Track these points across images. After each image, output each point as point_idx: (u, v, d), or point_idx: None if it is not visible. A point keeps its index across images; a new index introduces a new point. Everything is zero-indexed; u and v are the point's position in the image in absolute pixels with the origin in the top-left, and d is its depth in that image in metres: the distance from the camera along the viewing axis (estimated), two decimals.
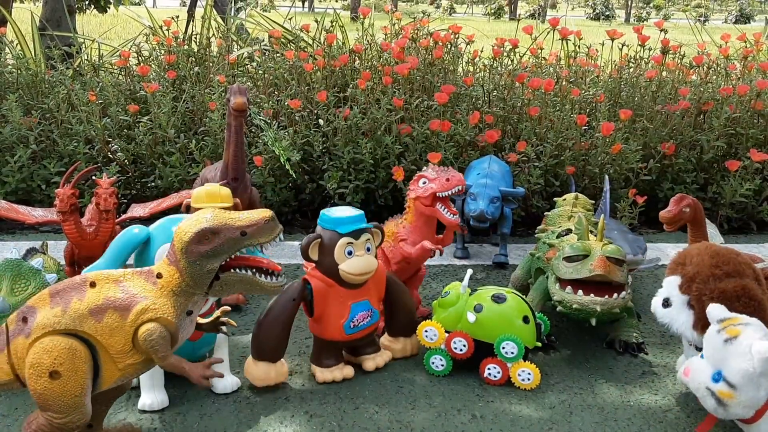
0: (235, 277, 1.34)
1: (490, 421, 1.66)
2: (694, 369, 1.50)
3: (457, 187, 1.91)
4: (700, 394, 1.48)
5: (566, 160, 3.01)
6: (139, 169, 3.16)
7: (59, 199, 2.10)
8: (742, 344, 1.43)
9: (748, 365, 1.41)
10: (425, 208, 1.95)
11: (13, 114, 3.10)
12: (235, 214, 1.33)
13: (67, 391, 1.30)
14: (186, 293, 1.35)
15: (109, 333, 1.31)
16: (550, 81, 3.13)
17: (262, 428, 1.61)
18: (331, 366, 1.80)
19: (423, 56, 3.34)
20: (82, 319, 1.31)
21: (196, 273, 1.32)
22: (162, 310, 1.32)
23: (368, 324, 1.81)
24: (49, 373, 1.29)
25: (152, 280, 1.35)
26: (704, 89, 3.34)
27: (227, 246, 1.31)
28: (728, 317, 1.50)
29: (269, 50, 3.79)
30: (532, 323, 1.84)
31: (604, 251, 1.86)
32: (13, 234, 2.91)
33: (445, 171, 1.95)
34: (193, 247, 1.31)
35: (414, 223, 2.00)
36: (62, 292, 1.34)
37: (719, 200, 3.12)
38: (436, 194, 1.92)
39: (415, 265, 2.06)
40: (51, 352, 1.29)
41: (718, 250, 1.70)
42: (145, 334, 1.31)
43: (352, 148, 2.95)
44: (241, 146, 2.34)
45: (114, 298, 1.33)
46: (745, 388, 1.42)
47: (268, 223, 1.33)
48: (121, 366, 1.34)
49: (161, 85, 3.33)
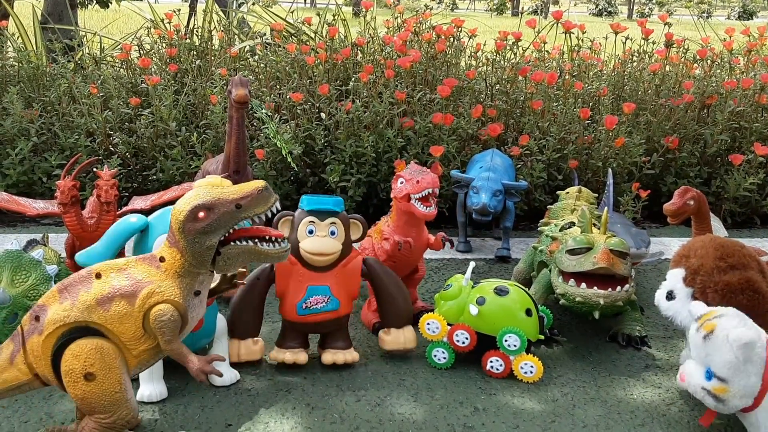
0: (237, 249, 1.33)
1: (493, 414, 1.65)
2: (688, 373, 1.50)
3: (427, 190, 1.88)
4: (699, 395, 1.48)
5: (569, 153, 3.00)
6: (140, 162, 3.15)
7: (60, 191, 2.10)
8: (719, 337, 1.43)
9: (730, 356, 1.41)
10: (403, 206, 1.94)
11: (15, 107, 3.09)
12: (228, 188, 1.32)
13: (106, 390, 1.32)
14: (191, 273, 1.34)
15: (118, 321, 1.32)
16: (553, 74, 3.12)
17: (264, 420, 1.60)
18: (289, 348, 1.80)
19: (425, 49, 3.32)
20: (90, 309, 1.32)
21: (197, 251, 1.32)
22: (168, 293, 1.33)
23: (322, 309, 1.78)
24: (83, 376, 1.31)
25: (156, 265, 1.36)
26: (708, 83, 3.32)
27: (223, 220, 1.30)
28: (704, 313, 1.49)
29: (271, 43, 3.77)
30: (535, 316, 1.83)
31: (608, 244, 1.84)
32: (14, 226, 2.90)
33: (420, 172, 1.92)
34: (189, 225, 1.31)
35: (396, 222, 1.98)
36: (70, 286, 1.35)
37: (723, 194, 3.11)
38: (409, 195, 1.90)
39: (406, 264, 2.02)
40: (79, 356, 1.31)
41: (723, 243, 1.69)
42: (156, 314, 1.32)
43: (354, 142, 2.94)
44: (243, 139, 2.33)
45: (120, 285, 1.33)
46: (735, 379, 1.42)
47: (262, 193, 1.31)
48: (135, 353, 1.35)
49: (163, 78, 3.32)
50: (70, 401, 1.64)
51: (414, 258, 2.02)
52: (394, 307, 1.85)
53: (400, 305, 1.86)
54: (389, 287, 1.85)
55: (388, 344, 1.87)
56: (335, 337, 1.83)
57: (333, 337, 1.83)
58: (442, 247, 2.03)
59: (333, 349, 1.82)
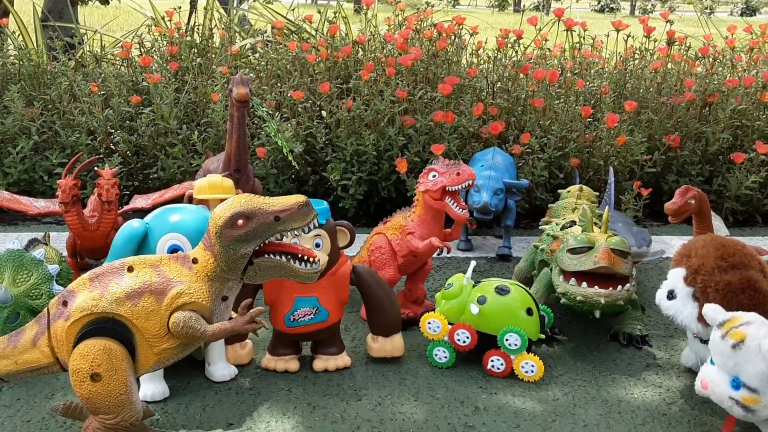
0: (269, 262, 1.34)
1: (493, 414, 1.65)
2: (711, 381, 1.46)
3: (467, 182, 1.89)
4: (726, 405, 1.44)
5: (570, 152, 2.99)
6: (141, 161, 3.15)
7: (61, 190, 2.10)
8: (751, 347, 1.39)
9: (763, 366, 1.37)
10: (434, 201, 1.93)
11: (15, 105, 3.09)
12: (269, 200, 1.33)
13: (111, 391, 1.33)
14: (221, 278, 1.35)
15: (145, 316, 1.33)
16: (555, 72, 3.11)
17: (265, 419, 1.61)
18: (281, 356, 1.80)
19: (426, 47, 3.32)
20: (119, 302, 1.33)
21: (230, 257, 1.32)
22: (197, 295, 1.33)
23: (310, 321, 1.76)
24: (89, 376, 1.32)
25: (188, 265, 1.36)
26: (710, 81, 3.31)
27: (261, 230, 1.31)
28: (727, 319, 1.46)
29: (272, 41, 3.77)
30: (536, 315, 1.83)
31: (609, 243, 1.84)
32: (16, 225, 2.91)
33: (455, 165, 1.92)
34: (226, 231, 1.31)
35: (422, 216, 1.98)
36: (101, 276, 1.36)
37: (724, 193, 3.11)
38: (445, 188, 1.90)
39: (421, 259, 2.04)
40: (87, 356, 1.31)
41: (724, 242, 1.69)
42: (173, 326, 1.32)
43: (355, 140, 2.94)
44: (244, 137, 2.33)
45: (150, 282, 1.34)
46: (767, 390, 1.39)
47: (302, 208, 1.32)
48: (156, 350, 1.35)
49: (163, 76, 3.32)
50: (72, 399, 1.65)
51: (431, 253, 2.03)
52: (383, 316, 1.82)
53: (389, 314, 1.82)
54: (379, 296, 1.82)
55: (375, 352, 1.86)
56: (327, 344, 1.82)
57: (325, 343, 1.82)
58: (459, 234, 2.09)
59: (324, 355, 1.81)
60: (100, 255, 2.32)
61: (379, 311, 1.82)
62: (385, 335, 1.84)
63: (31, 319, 1.76)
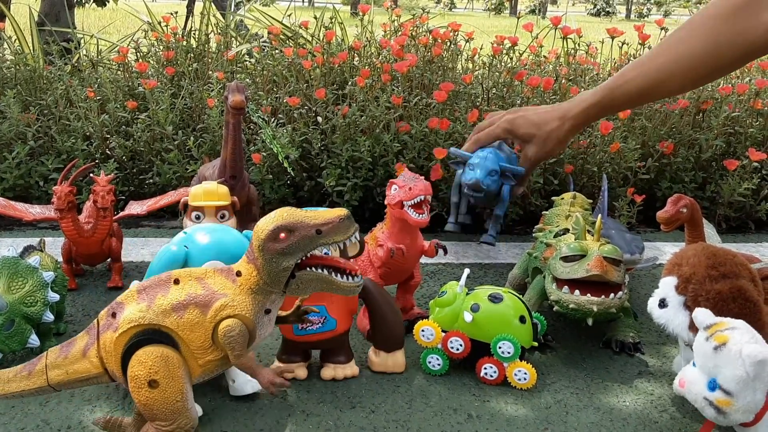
0: (311, 275, 1.34)
1: (486, 421, 1.67)
2: (689, 380, 1.49)
3: (419, 197, 1.87)
4: (699, 405, 1.47)
5: (564, 158, 3.01)
6: (136, 166, 3.16)
7: (56, 196, 2.11)
8: (732, 350, 1.41)
9: (741, 371, 1.40)
10: (396, 212, 1.94)
11: (12, 110, 3.10)
12: (310, 213, 1.34)
13: (168, 398, 1.33)
14: (264, 291, 1.36)
15: (190, 328, 1.34)
16: (549, 79, 3.13)
17: (258, 427, 1.62)
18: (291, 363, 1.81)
19: (422, 54, 3.34)
20: (165, 314, 1.34)
21: (273, 270, 1.33)
22: (240, 307, 1.34)
23: (317, 330, 1.76)
24: (147, 383, 1.33)
25: (232, 278, 1.37)
26: (703, 88, 3.34)
27: (302, 244, 1.31)
28: (714, 323, 1.48)
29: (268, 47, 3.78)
30: (529, 323, 1.84)
31: (601, 251, 1.86)
32: (11, 231, 2.91)
33: (413, 179, 1.91)
34: (269, 244, 1.31)
35: (390, 228, 1.98)
36: (148, 288, 1.38)
37: (717, 199, 3.13)
38: (402, 202, 1.89)
39: (400, 270, 2.02)
40: (145, 363, 1.33)
41: (715, 251, 1.70)
42: (225, 330, 1.33)
43: (350, 146, 2.95)
44: (239, 144, 2.34)
45: (195, 294, 1.35)
46: (741, 394, 1.41)
47: (343, 221, 1.32)
48: (201, 362, 1.37)
49: (159, 82, 3.33)
50: (66, 408, 1.66)
51: (409, 265, 2.02)
52: (387, 330, 1.83)
53: (392, 330, 1.83)
54: (383, 310, 1.82)
55: (376, 366, 1.86)
56: (335, 353, 1.82)
57: (333, 352, 1.83)
58: (436, 254, 2.04)
59: (333, 364, 1.82)
60: (95, 261, 2.32)
61: (384, 324, 1.82)
62: (387, 351, 1.84)
63: (26, 327, 1.78)
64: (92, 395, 1.71)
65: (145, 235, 2.87)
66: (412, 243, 1.99)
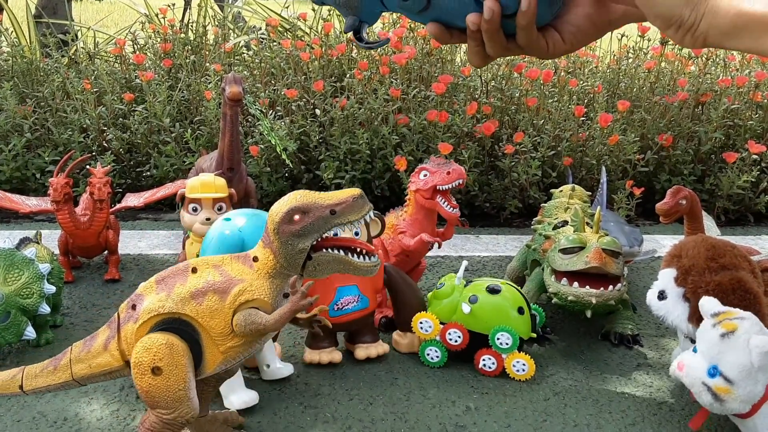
0: (328, 256, 1.34)
1: (485, 413, 1.66)
2: (688, 364, 1.48)
3: (457, 181, 1.90)
4: (696, 389, 1.47)
5: (563, 151, 3.00)
6: (134, 159, 3.15)
7: (53, 188, 2.10)
8: (740, 338, 1.41)
9: (746, 360, 1.40)
10: (425, 200, 1.94)
11: (8, 102, 3.08)
12: (323, 194, 1.34)
13: (171, 386, 1.33)
14: (281, 275, 1.36)
15: (209, 315, 1.34)
16: (548, 72, 3.12)
17: (256, 419, 1.61)
18: (322, 348, 1.82)
19: (421, 46, 3.32)
20: (184, 302, 1.34)
21: (289, 253, 1.33)
22: (258, 292, 1.34)
23: (354, 309, 1.80)
24: (150, 369, 1.32)
25: (249, 264, 1.37)
26: (702, 80, 3.33)
27: (317, 225, 1.31)
28: (722, 311, 1.48)
29: (266, 39, 3.76)
30: (527, 314, 1.83)
31: (600, 243, 1.85)
32: (8, 223, 2.90)
33: (446, 164, 1.93)
34: (284, 227, 1.32)
35: (413, 215, 1.99)
36: (167, 278, 1.38)
37: (716, 192, 3.12)
38: (436, 187, 1.91)
39: (414, 258, 2.05)
40: (150, 350, 1.33)
41: (714, 243, 1.69)
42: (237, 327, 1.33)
43: (348, 138, 2.94)
44: (237, 136, 2.33)
45: (213, 281, 1.35)
46: (742, 383, 1.41)
47: (357, 200, 1.32)
48: (222, 349, 1.36)
49: (157, 74, 3.31)
50: (62, 400, 1.65)
51: (423, 251, 2.04)
52: (412, 313, 1.87)
53: (416, 309, 1.88)
54: (405, 290, 1.88)
55: (404, 347, 1.91)
56: (362, 333, 1.87)
57: (360, 332, 1.86)
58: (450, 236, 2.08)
59: (364, 344, 1.85)
60: (92, 254, 2.32)
61: (405, 306, 1.88)
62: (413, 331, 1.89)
63: (22, 319, 1.77)
64: (88, 388, 1.70)
65: (143, 227, 2.86)
66: (432, 229, 2.02)
